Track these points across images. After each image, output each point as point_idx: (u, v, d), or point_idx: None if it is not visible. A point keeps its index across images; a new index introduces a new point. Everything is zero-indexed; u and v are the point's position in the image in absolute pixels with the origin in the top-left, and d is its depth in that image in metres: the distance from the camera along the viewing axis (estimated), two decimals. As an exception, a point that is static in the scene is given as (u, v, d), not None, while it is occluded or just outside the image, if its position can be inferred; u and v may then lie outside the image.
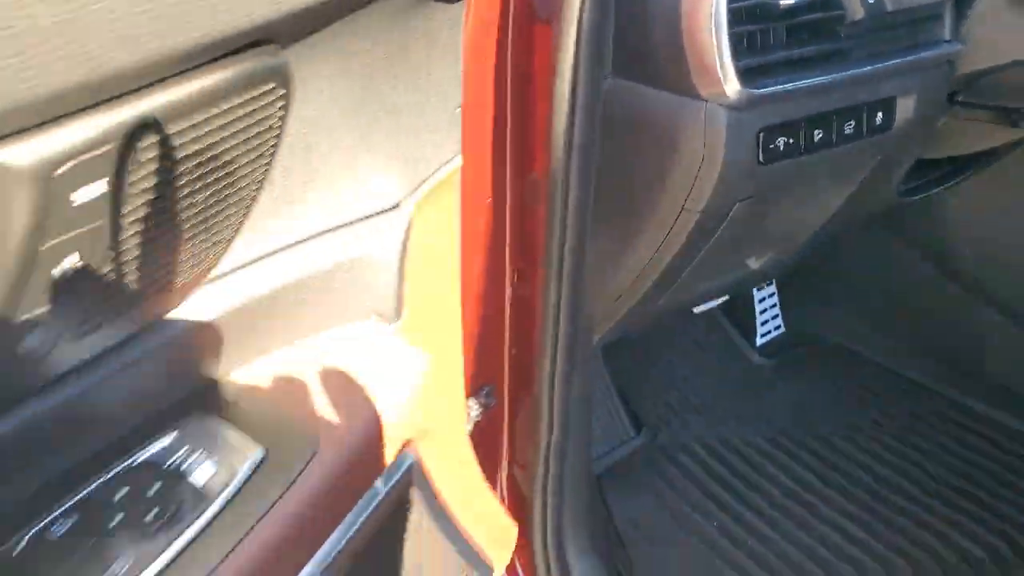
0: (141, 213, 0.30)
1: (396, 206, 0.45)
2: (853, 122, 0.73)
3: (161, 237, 0.31)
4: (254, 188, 0.35)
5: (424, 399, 0.44)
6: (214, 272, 0.38)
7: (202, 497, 0.35)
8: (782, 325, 1.56)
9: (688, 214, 0.71)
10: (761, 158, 0.69)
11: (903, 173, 0.87)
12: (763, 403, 1.40)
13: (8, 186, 0.25)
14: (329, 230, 0.43)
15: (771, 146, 0.69)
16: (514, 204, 0.83)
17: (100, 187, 0.28)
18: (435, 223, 0.50)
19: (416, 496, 0.45)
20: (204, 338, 0.38)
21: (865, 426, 1.33)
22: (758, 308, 1.55)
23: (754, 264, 0.92)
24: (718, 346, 1.49)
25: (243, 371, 0.41)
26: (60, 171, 0.26)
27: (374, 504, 0.41)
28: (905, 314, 1.43)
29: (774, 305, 1.57)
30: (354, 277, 0.45)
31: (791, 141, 0.70)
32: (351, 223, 0.43)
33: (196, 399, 0.39)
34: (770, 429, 1.34)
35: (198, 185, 0.31)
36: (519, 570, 1.00)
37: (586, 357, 0.90)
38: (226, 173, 0.33)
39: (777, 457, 1.29)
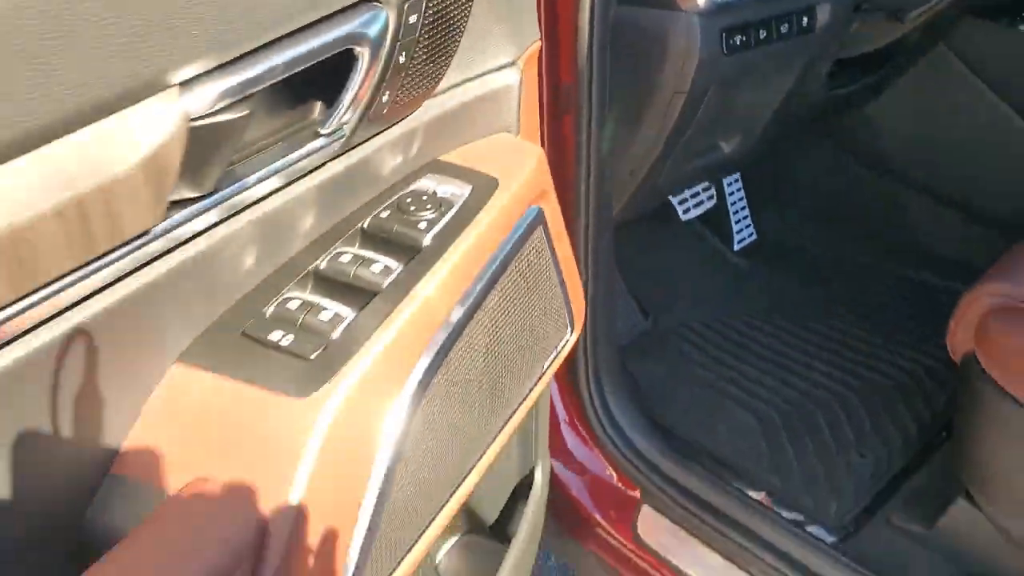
0: (424, 39, 0.59)
1: (513, 63, 0.74)
2: (786, 24, 1.04)
3: (427, 57, 0.60)
4: (460, 35, 0.65)
5: (543, 172, 0.73)
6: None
7: (450, 204, 0.64)
8: (754, 233, 1.87)
9: (678, 96, 1.02)
10: (725, 50, 0.99)
11: (828, 68, 1.19)
12: (743, 293, 1.71)
13: (390, 8, 0.54)
14: (478, 75, 0.72)
15: (731, 42, 0.99)
16: (550, 111, 1.13)
17: (415, 18, 0.57)
18: (531, 83, 0.79)
19: (539, 240, 0.75)
20: (421, 136, 0.68)
21: (822, 302, 1.64)
22: (733, 220, 1.86)
23: (726, 148, 1.22)
24: (704, 251, 1.81)
25: (443, 155, 0.70)
26: (407, 5, 0.55)
27: (521, 232, 0.70)
28: (850, 209, 1.76)
29: (746, 217, 1.88)
30: (491, 106, 0.74)
31: (744, 38, 1.01)
32: (489, 71, 0.73)
33: (424, 168, 0.68)
34: (750, 312, 1.65)
35: (443, 23, 0.61)
36: (564, 406, 1.29)
37: (609, 224, 1.19)
38: (450, 23, 0.62)
39: (759, 328, 1.60)
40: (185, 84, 0.41)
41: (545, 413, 1.07)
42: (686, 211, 1.77)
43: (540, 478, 1.04)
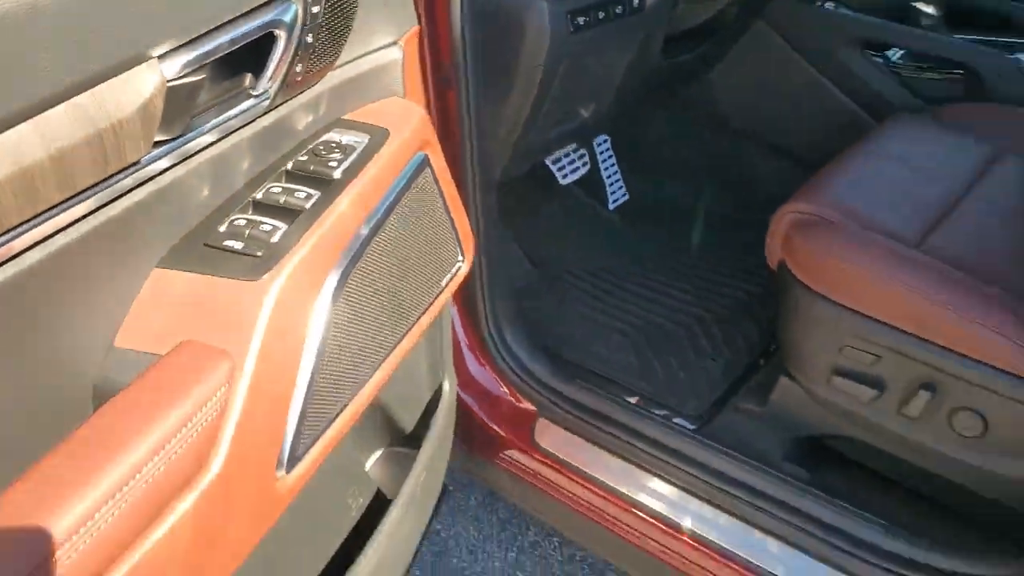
0: (325, 24, 0.78)
1: (395, 43, 0.95)
2: (621, 6, 1.28)
3: (327, 37, 0.80)
4: (352, 21, 0.84)
5: (426, 126, 0.94)
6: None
7: (353, 148, 0.84)
8: (627, 193, 2.14)
9: (537, 69, 1.24)
10: (571, 29, 1.22)
11: (660, 43, 1.45)
12: (617, 243, 1.97)
13: (298, 1, 0.73)
14: (368, 52, 0.92)
15: (575, 22, 1.23)
16: (435, 87, 1.33)
17: (317, 8, 0.76)
18: (412, 58, 1.00)
19: (427, 179, 0.95)
20: (327, 99, 0.87)
21: (681, 244, 1.93)
22: (607, 183, 2.13)
23: (585, 113, 1.46)
24: (582, 211, 2.06)
25: (347, 114, 0.90)
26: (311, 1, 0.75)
27: (411, 171, 0.91)
28: (700, 166, 2.05)
29: (619, 180, 2.15)
30: (381, 77, 0.94)
31: (586, 19, 1.24)
32: (377, 49, 0.93)
33: (330, 124, 0.88)
34: (622, 258, 1.92)
35: (338, 12, 0.80)
36: (467, 339, 1.51)
37: (493, 184, 1.41)
38: (343, 11, 0.82)
39: (630, 270, 1.86)
40: (162, 56, 0.60)
41: (448, 336, 1.28)
42: (564, 176, 2.01)
43: (447, 388, 1.25)
